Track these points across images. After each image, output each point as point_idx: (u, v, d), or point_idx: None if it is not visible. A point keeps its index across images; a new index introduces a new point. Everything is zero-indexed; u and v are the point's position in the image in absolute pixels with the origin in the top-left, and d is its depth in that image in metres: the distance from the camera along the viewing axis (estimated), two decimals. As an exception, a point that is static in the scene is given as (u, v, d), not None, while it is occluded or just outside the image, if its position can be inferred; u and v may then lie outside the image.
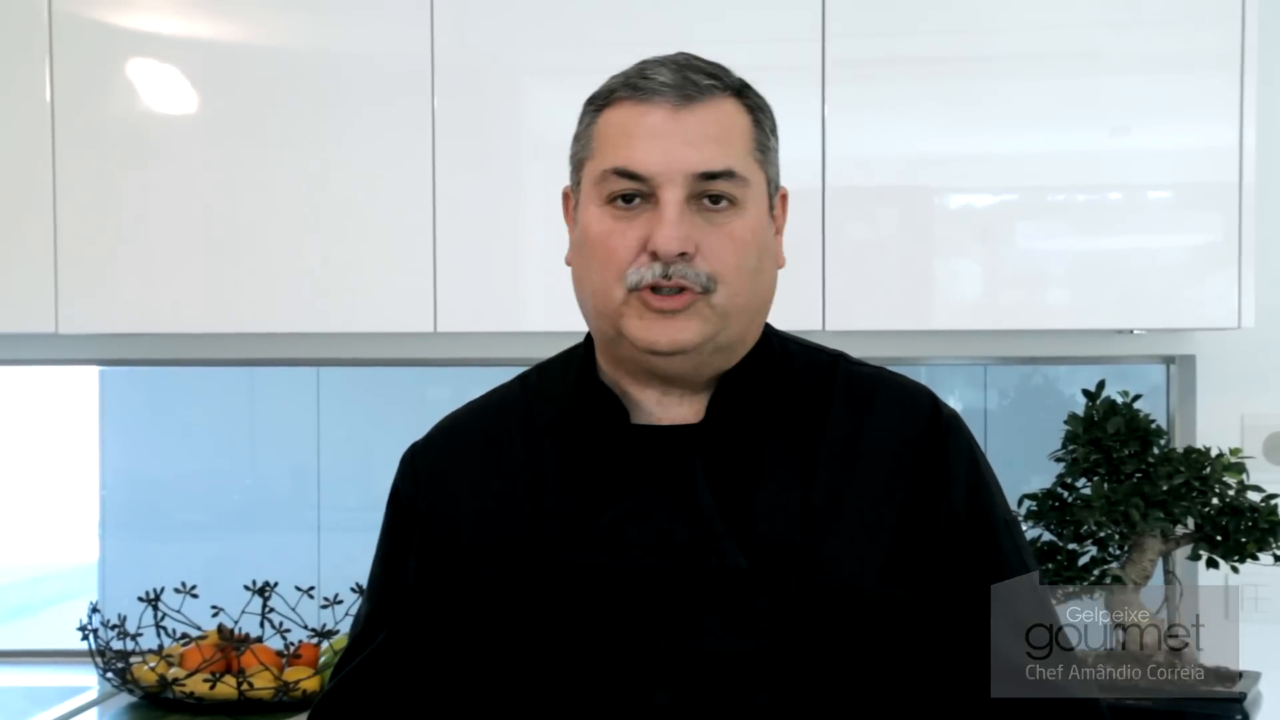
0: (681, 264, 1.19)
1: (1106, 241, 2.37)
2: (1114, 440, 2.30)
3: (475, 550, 1.27)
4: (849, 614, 1.19)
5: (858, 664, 1.20)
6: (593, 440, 1.26)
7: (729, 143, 1.21)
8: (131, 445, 2.95)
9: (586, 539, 1.21)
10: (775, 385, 1.28)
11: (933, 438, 1.26)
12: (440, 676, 1.29)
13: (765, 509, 1.21)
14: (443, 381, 2.89)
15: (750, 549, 1.19)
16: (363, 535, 2.84)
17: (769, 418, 1.26)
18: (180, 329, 2.50)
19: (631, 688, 1.18)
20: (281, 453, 2.92)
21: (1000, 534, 1.27)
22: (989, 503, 1.28)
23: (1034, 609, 1.27)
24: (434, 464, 1.36)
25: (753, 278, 1.23)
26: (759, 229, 1.23)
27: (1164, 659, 2.27)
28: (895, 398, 1.29)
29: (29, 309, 2.47)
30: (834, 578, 1.20)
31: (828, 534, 1.21)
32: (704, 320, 1.21)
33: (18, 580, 3.30)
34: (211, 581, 2.71)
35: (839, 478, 1.23)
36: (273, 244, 2.44)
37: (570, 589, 1.20)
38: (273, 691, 2.46)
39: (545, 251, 2.43)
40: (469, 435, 1.36)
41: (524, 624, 1.22)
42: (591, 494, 1.23)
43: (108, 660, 2.54)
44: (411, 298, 2.42)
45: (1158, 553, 2.30)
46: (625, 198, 1.22)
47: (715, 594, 1.18)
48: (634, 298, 1.21)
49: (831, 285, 2.33)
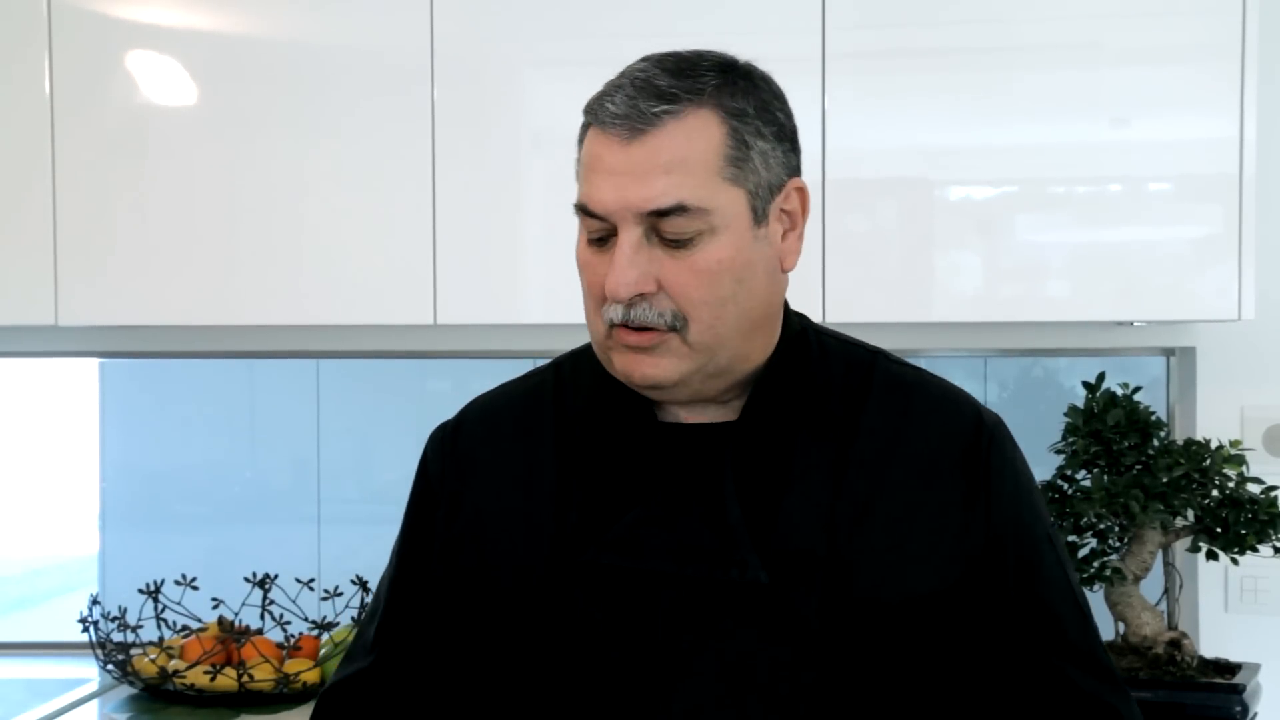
0: (642, 305, 1.15)
1: (1106, 233, 2.36)
2: (1114, 432, 2.30)
3: (497, 541, 1.25)
4: (873, 626, 1.16)
5: (880, 677, 1.17)
6: (619, 437, 1.23)
7: (686, 171, 1.13)
8: (131, 437, 2.95)
9: (607, 539, 1.18)
10: (811, 383, 1.23)
11: (974, 451, 1.21)
12: (455, 665, 1.28)
13: (792, 517, 1.17)
14: (443, 374, 2.89)
15: (774, 558, 1.15)
16: (363, 527, 2.86)
17: (803, 418, 1.21)
18: (180, 321, 2.50)
19: (648, 694, 1.16)
20: (281, 445, 2.92)
21: (1041, 548, 1.23)
22: (1031, 517, 1.23)
23: (1078, 625, 1.23)
24: (464, 447, 1.33)
25: (729, 304, 1.16)
26: (735, 251, 1.15)
27: (1164, 651, 2.27)
28: (936, 403, 1.25)
29: (28, 300, 2.47)
30: (859, 589, 1.16)
31: (855, 544, 1.17)
32: (679, 357, 1.16)
33: (18, 573, 3.30)
34: (211, 574, 2.71)
35: (871, 485, 1.19)
36: (272, 236, 2.44)
37: (588, 588, 1.18)
38: (273, 683, 2.46)
39: (545, 244, 2.43)
40: (500, 420, 1.32)
41: (540, 620, 1.20)
42: (616, 492, 1.20)
43: (108, 652, 2.54)
44: (411, 290, 2.41)
45: (1157, 545, 2.30)
46: (598, 235, 1.18)
47: (736, 603, 1.15)
48: (614, 331, 1.18)
49: (831, 277, 2.33)
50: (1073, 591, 1.24)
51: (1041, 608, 1.21)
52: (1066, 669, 1.20)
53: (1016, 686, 1.20)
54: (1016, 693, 1.20)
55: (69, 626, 2.65)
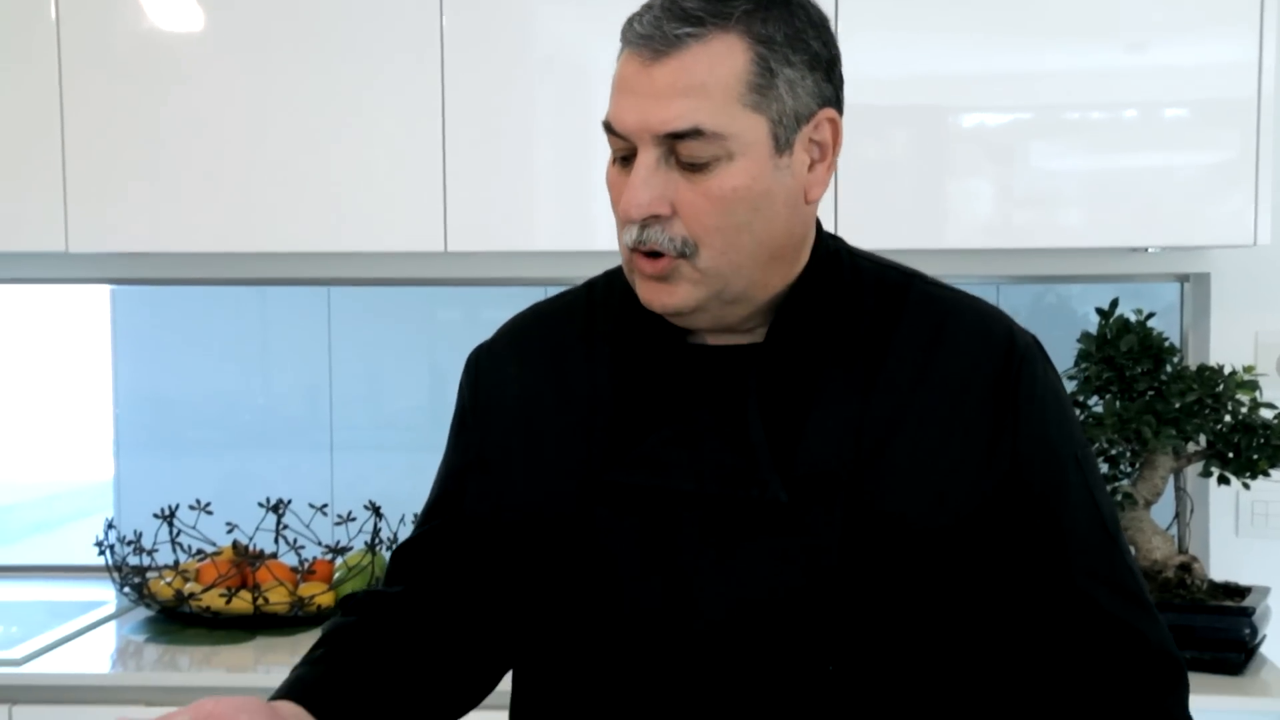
0: (655, 227, 1.14)
1: (1122, 159, 2.35)
2: (1127, 358, 2.29)
3: (525, 461, 1.26)
4: (894, 549, 1.16)
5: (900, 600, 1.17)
6: (647, 358, 1.23)
7: (705, 95, 1.12)
8: (144, 364, 2.96)
9: (631, 458, 1.19)
10: (840, 306, 1.22)
11: (1004, 373, 1.20)
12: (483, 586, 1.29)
13: (816, 438, 1.17)
14: (454, 303, 2.89)
15: (797, 479, 1.15)
16: (375, 454, 2.88)
17: (831, 339, 1.21)
18: (189, 248, 2.50)
19: (669, 612, 1.16)
20: (293, 372, 2.92)
21: (1068, 470, 1.21)
22: (1059, 439, 1.22)
23: (1104, 548, 1.22)
24: (495, 368, 1.33)
25: (744, 232, 1.15)
26: (752, 179, 1.14)
27: (1174, 574, 2.29)
28: (968, 324, 1.23)
29: (39, 228, 2.47)
30: (881, 511, 1.16)
31: (879, 466, 1.17)
32: (693, 283, 1.16)
33: (35, 497, 3.33)
34: (225, 499, 2.73)
35: (898, 406, 1.18)
36: (283, 162, 2.43)
37: (612, 507, 1.19)
38: (288, 606, 2.48)
39: (556, 170, 2.42)
40: (531, 341, 1.32)
41: (565, 540, 1.21)
42: (643, 412, 1.21)
43: (125, 575, 2.57)
44: (421, 217, 2.41)
45: (1169, 470, 2.30)
46: (622, 154, 1.18)
47: (758, 524, 1.16)
48: (633, 256, 1.18)
49: (844, 204, 2.31)
50: (1101, 515, 1.22)
51: (1067, 530, 1.20)
52: (1092, 592, 1.19)
53: (1040, 609, 1.20)
54: (1040, 616, 1.20)
55: (86, 550, 2.68)
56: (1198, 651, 2.17)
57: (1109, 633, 1.19)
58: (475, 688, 1.31)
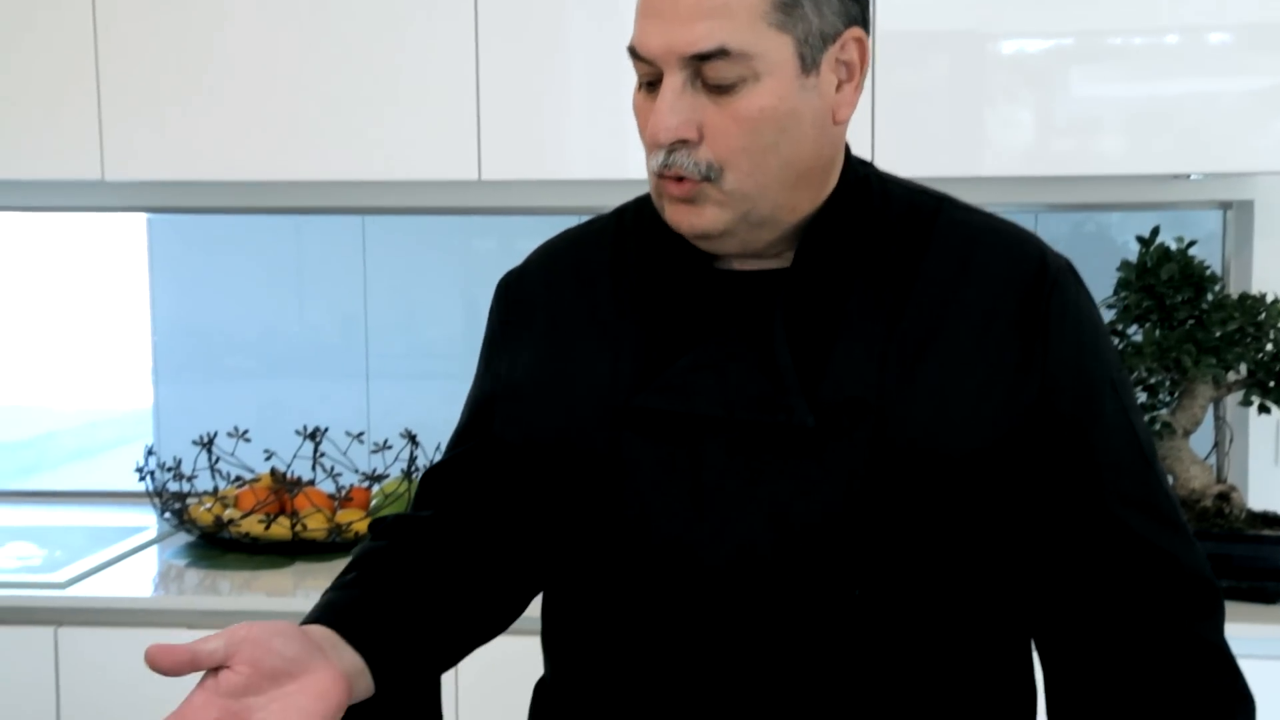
0: (682, 152, 1.14)
1: (1164, 85, 2.31)
2: (1167, 287, 2.27)
3: (553, 386, 1.26)
4: (922, 473, 1.15)
5: (927, 525, 1.16)
6: (674, 284, 1.23)
7: (729, 15, 1.11)
8: (181, 292, 2.97)
9: (658, 384, 1.19)
10: (868, 230, 1.21)
11: (1035, 295, 1.19)
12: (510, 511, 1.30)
13: (843, 363, 1.16)
14: (488, 232, 2.89)
15: (824, 405, 1.15)
16: (410, 383, 2.89)
17: (859, 264, 1.20)
18: (225, 176, 2.50)
19: (695, 537, 1.16)
20: (329, 301, 2.93)
21: (1102, 394, 1.20)
22: (1093, 363, 1.20)
23: (1138, 473, 1.20)
24: (524, 294, 1.33)
25: (770, 154, 1.14)
26: (778, 100, 1.13)
27: (1212, 504, 2.28)
28: (998, 247, 1.22)
29: (75, 155, 2.47)
30: (909, 437, 1.15)
31: (907, 392, 1.16)
32: (719, 206, 1.16)
33: (75, 425, 3.36)
34: (263, 427, 2.76)
35: (927, 330, 1.17)
36: (317, 91, 2.42)
37: (638, 432, 1.19)
38: (326, 533, 2.51)
39: (590, 98, 2.40)
40: (561, 266, 1.32)
41: (591, 465, 1.21)
42: (670, 338, 1.20)
43: (165, 501, 2.60)
44: (455, 145, 2.40)
45: (1208, 399, 2.29)
46: (648, 80, 1.17)
47: (785, 449, 1.15)
48: (661, 180, 1.17)
49: (881, 130, 2.29)
50: (1137, 438, 1.21)
51: (1100, 454, 1.19)
52: (1124, 516, 1.18)
53: (1071, 534, 1.19)
54: (1071, 540, 1.19)
55: (126, 477, 2.71)
56: (1235, 581, 2.16)
57: (1141, 557, 1.19)
58: (505, 611, 1.32)
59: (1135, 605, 1.18)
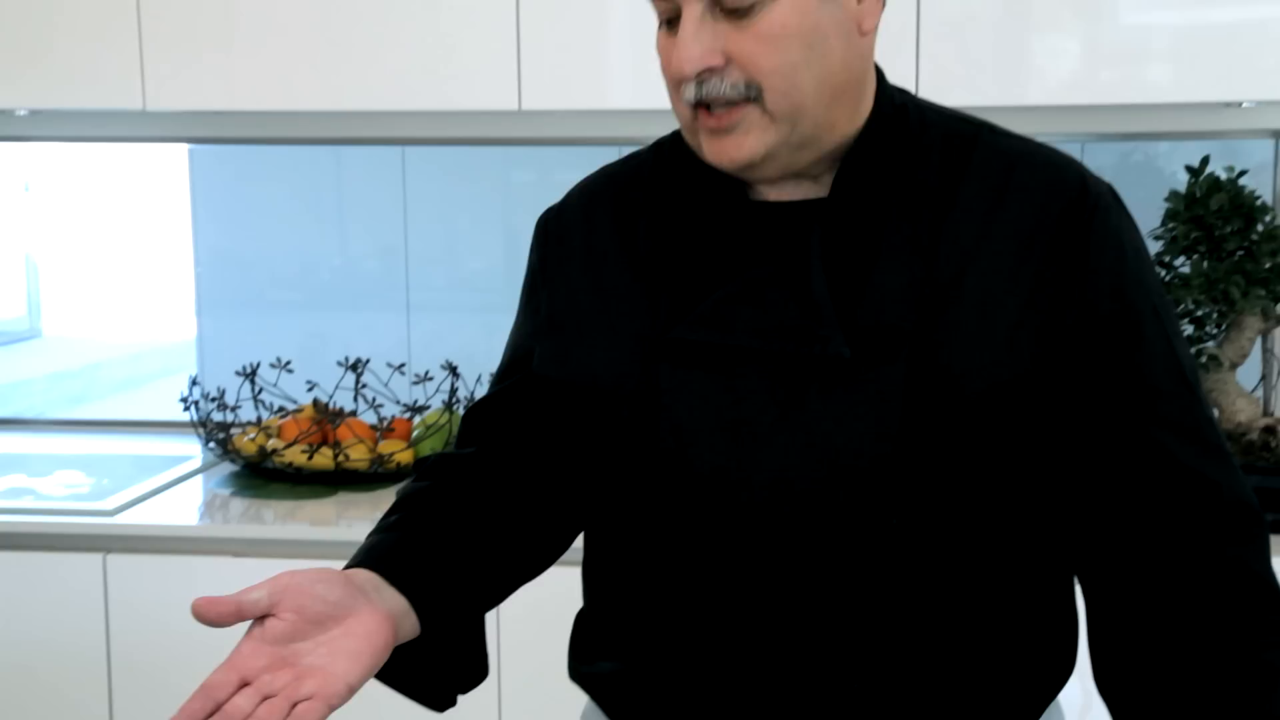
0: (714, 79, 1.13)
1: (1214, 12, 2.26)
2: (1216, 217, 2.24)
3: (591, 321, 1.26)
4: (960, 402, 1.14)
5: (968, 452, 1.16)
6: (709, 216, 1.22)
7: None
8: (223, 223, 2.98)
9: (694, 316, 1.18)
10: (906, 158, 1.20)
11: (1075, 219, 1.17)
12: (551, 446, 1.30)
13: (880, 291, 1.15)
14: (528, 163, 2.88)
15: (861, 334, 1.14)
16: (450, 315, 2.90)
17: (896, 192, 1.18)
18: (265, 106, 2.49)
19: (733, 468, 1.16)
20: (370, 232, 2.94)
21: (1144, 320, 1.18)
22: (1134, 289, 1.18)
23: (1180, 397, 1.19)
24: (563, 230, 1.33)
25: (804, 69, 1.13)
26: (800, 15, 1.12)
27: (1259, 437, 2.26)
28: (1038, 171, 1.20)
29: (116, 84, 2.47)
30: (946, 366, 1.14)
31: (945, 320, 1.15)
32: (761, 129, 1.15)
33: (120, 356, 3.40)
34: (305, 358, 2.77)
35: (964, 257, 1.16)
36: (357, 20, 2.41)
37: (676, 364, 1.19)
38: (368, 463, 2.53)
39: (631, 26, 2.38)
40: (599, 202, 1.32)
41: (629, 398, 1.21)
42: (706, 270, 1.20)
43: (209, 431, 2.62)
44: (495, 75, 2.38)
45: (1257, 331, 2.26)
46: (667, 17, 1.17)
47: (822, 379, 1.15)
48: (697, 114, 1.17)
49: (925, 58, 2.26)
50: (1180, 365, 1.20)
51: (1141, 380, 1.18)
52: (1166, 442, 1.17)
53: (1112, 459, 1.18)
54: (1112, 465, 1.18)
55: (171, 407, 2.74)
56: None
57: (1183, 482, 1.17)
58: (548, 549, 1.33)
59: (1177, 531, 1.17)
